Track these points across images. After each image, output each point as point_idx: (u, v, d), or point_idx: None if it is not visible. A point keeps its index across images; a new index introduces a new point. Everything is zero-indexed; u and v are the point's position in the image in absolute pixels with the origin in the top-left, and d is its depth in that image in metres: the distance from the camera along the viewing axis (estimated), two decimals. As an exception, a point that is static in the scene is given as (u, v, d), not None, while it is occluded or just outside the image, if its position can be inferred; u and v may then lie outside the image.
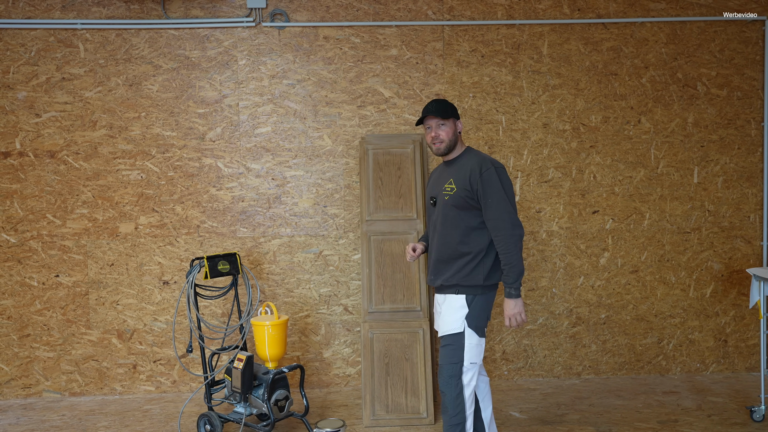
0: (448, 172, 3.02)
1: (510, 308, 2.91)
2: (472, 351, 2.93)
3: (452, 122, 3.01)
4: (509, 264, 2.86)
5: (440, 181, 3.05)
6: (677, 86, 4.58)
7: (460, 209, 2.93)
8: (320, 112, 4.48)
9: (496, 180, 2.88)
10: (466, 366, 2.93)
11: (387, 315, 3.91)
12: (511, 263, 2.85)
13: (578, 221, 4.60)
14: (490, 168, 2.89)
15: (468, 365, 2.93)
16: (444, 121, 2.98)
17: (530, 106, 4.54)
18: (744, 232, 4.66)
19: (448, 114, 2.99)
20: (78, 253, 4.43)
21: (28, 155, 4.40)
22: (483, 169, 2.89)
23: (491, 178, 2.88)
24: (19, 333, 4.44)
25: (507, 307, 2.92)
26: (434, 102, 3.02)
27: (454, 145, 3.03)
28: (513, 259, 2.85)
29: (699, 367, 4.69)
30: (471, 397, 2.96)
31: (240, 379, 3.52)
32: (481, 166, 2.90)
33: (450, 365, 2.94)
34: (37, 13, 4.36)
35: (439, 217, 3.01)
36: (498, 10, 4.50)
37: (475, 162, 2.94)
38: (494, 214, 2.87)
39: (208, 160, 4.46)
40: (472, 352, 2.93)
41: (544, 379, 4.64)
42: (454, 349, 2.94)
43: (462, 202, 2.92)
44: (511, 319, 2.92)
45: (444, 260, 2.99)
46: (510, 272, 2.86)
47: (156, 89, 4.42)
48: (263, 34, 4.45)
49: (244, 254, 4.48)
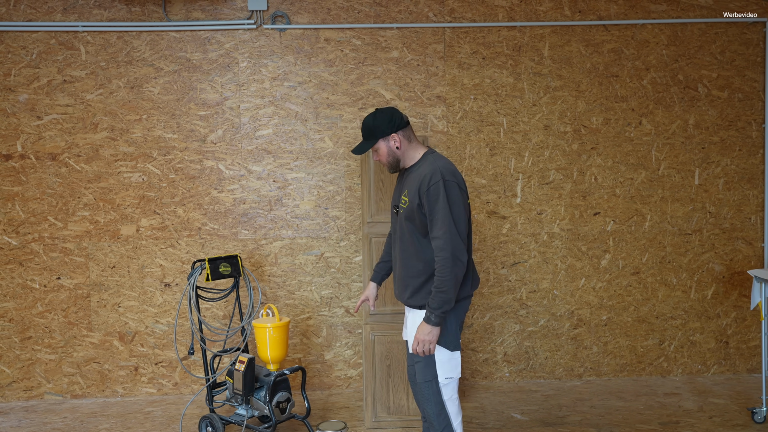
0: (404, 183, 2.79)
1: (422, 332, 2.63)
2: (444, 366, 2.74)
3: (382, 143, 2.76)
4: (439, 288, 2.58)
5: (399, 191, 2.84)
6: (678, 88, 4.59)
7: (413, 223, 2.71)
8: (321, 114, 4.48)
9: (443, 195, 2.59)
10: (441, 382, 2.75)
11: (388, 317, 3.91)
12: (441, 288, 2.58)
13: (579, 223, 4.60)
14: (438, 181, 2.60)
15: (443, 381, 2.75)
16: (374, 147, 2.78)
17: (531, 108, 4.54)
18: (745, 233, 4.66)
19: (369, 140, 2.77)
20: (79, 256, 4.43)
21: (29, 158, 4.40)
22: (431, 181, 2.61)
23: (437, 193, 2.60)
24: (20, 335, 4.44)
25: (420, 330, 2.64)
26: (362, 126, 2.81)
27: (396, 161, 2.80)
28: (445, 286, 2.57)
29: (700, 369, 4.69)
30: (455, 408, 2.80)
31: (241, 381, 3.52)
32: (429, 179, 2.62)
33: (425, 383, 2.77)
34: (39, 16, 4.37)
35: (397, 230, 2.82)
36: (499, 12, 4.50)
37: (424, 174, 2.66)
38: (437, 233, 2.60)
39: (209, 163, 4.47)
40: (445, 368, 2.74)
41: (545, 380, 4.64)
42: (425, 366, 2.76)
43: (413, 216, 2.69)
44: (419, 343, 2.64)
45: (405, 275, 2.79)
46: (436, 296, 2.59)
47: (157, 91, 4.43)
48: (264, 37, 4.45)
49: (245, 256, 4.48)
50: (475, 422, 3.87)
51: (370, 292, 3.11)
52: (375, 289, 3.10)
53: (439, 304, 2.59)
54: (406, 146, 2.79)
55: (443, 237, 2.58)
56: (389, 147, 2.77)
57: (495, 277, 4.58)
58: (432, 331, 2.62)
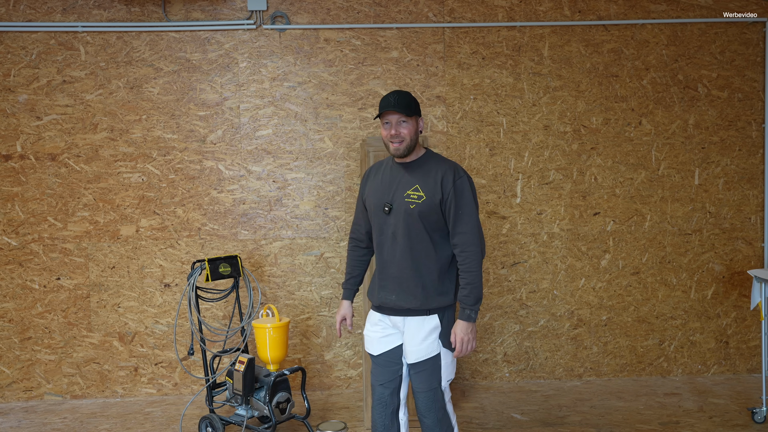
0: (409, 177, 2.66)
1: (463, 330, 2.59)
2: (448, 369, 2.68)
3: (415, 120, 2.64)
4: (472, 284, 2.58)
5: (397, 185, 2.67)
6: (678, 88, 4.59)
7: (427, 220, 2.61)
8: (321, 115, 4.48)
9: (469, 191, 2.62)
10: (444, 386, 2.68)
11: (388, 317, 3.91)
12: (474, 283, 2.58)
13: (579, 223, 4.60)
14: (463, 177, 2.62)
15: (445, 384, 2.69)
16: (406, 118, 2.61)
17: (531, 108, 4.54)
18: (745, 233, 4.66)
19: (411, 110, 2.61)
20: (79, 256, 4.43)
21: (29, 158, 4.40)
22: (456, 177, 2.61)
23: (464, 189, 2.61)
24: (20, 336, 4.44)
25: (460, 330, 2.59)
26: (395, 94, 2.63)
27: (414, 145, 2.66)
28: (476, 279, 2.57)
29: (700, 369, 4.69)
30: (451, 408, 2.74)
31: (241, 382, 3.52)
32: (454, 174, 2.61)
33: (429, 392, 2.66)
34: (38, 16, 4.36)
35: (399, 227, 2.63)
36: (499, 12, 4.50)
37: (445, 168, 2.63)
38: (464, 228, 2.59)
39: (209, 163, 4.47)
40: (448, 370, 2.68)
41: (545, 380, 4.64)
42: (430, 374, 2.66)
43: (430, 212, 2.60)
44: (463, 343, 2.59)
45: (407, 277, 2.63)
46: (472, 293, 2.58)
47: (157, 92, 4.43)
48: (264, 37, 4.45)
49: (245, 257, 4.48)
50: (475, 422, 3.87)
51: (346, 311, 2.91)
52: (350, 307, 2.92)
53: (476, 299, 2.58)
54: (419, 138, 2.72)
55: (471, 232, 2.59)
56: (417, 128, 2.67)
57: (495, 277, 4.58)
58: (473, 328, 2.60)
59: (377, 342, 2.76)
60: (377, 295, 2.73)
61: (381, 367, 2.77)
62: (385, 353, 2.75)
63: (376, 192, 2.72)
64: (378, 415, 2.77)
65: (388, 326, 2.75)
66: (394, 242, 2.66)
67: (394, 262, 2.66)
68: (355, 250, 2.95)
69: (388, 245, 2.67)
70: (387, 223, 2.67)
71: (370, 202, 2.75)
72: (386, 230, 2.67)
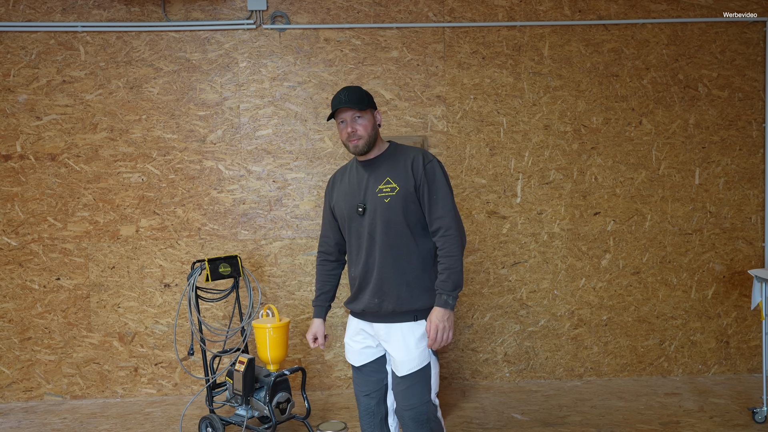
0: (378, 172, 2.54)
1: (439, 317, 2.41)
2: (436, 377, 2.53)
3: (370, 114, 2.53)
4: (450, 269, 2.42)
5: (366, 184, 2.55)
6: (678, 87, 4.58)
7: (405, 211, 2.48)
8: (321, 114, 4.48)
9: (441, 174, 2.49)
10: (433, 397, 2.52)
11: (388, 317, 3.90)
12: (453, 268, 2.42)
13: (579, 223, 4.59)
14: (433, 160, 2.50)
15: (434, 396, 2.52)
16: (361, 113, 2.50)
17: (531, 108, 4.53)
18: (745, 233, 4.65)
19: (364, 104, 2.49)
20: (79, 256, 4.43)
21: (28, 158, 4.40)
22: (426, 161, 2.49)
23: (436, 171, 2.49)
24: (20, 336, 4.43)
25: (435, 316, 2.42)
26: (345, 90, 2.50)
27: (374, 141, 2.54)
28: (456, 264, 2.42)
29: (701, 369, 4.69)
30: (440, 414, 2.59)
31: (241, 382, 3.52)
32: (423, 158, 2.49)
33: (421, 406, 2.49)
34: (38, 16, 4.36)
35: (376, 226, 2.50)
36: (499, 12, 4.50)
37: (413, 154, 2.52)
38: (441, 212, 2.46)
39: (209, 163, 4.46)
40: (436, 380, 2.53)
41: (545, 380, 4.63)
42: (421, 387, 2.49)
43: (407, 202, 2.47)
44: (438, 330, 2.41)
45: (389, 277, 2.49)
46: (450, 278, 2.42)
47: (157, 92, 4.42)
48: (264, 37, 4.45)
49: (245, 257, 4.47)
50: (475, 422, 3.87)
51: (317, 329, 2.76)
52: (322, 325, 2.77)
53: (455, 283, 2.42)
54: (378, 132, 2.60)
55: (447, 215, 2.46)
56: (375, 121, 2.56)
57: (495, 277, 4.58)
58: (451, 316, 2.43)
59: (358, 353, 2.64)
60: (359, 302, 2.59)
61: (364, 377, 2.65)
62: (367, 364, 2.64)
63: (345, 196, 2.60)
64: (366, 425, 2.67)
65: (369, 336, 2.62)
66: (372, 243, 2.52)
67: (374, 264, 2.52)
68: (324, 264, 2.81)
69: (366, 248, 2.54)
70: (362, 224, 2.54)
71: (340, 208, 2.62)
72: (362, 232, 2.54)
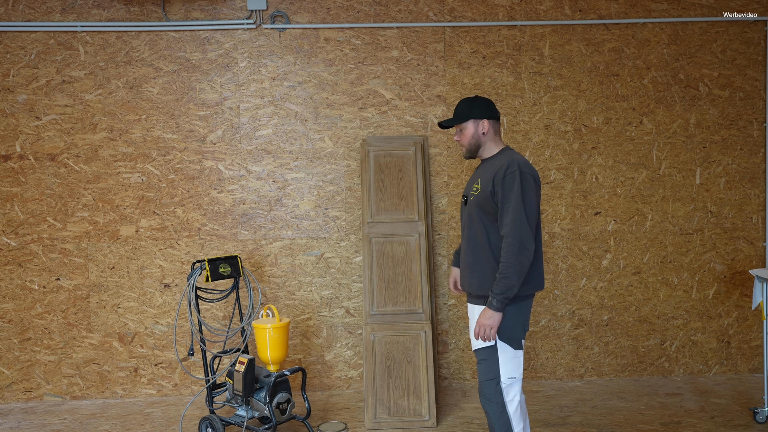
0: (480, 172, 2.88)
1: (484, 317, 2.69)
2: (507, 365, 2.74)
3: (470, 124, 2.85)
4: (503, 274, 2.65)
5: (472, 180, 2.93)
6: (679, 87, 4.57)
7: (483, 211, 2.77)
8: (321, 114, 4.47)
9: (518, 185, 2.68)
10: (504, 381, 2.74)
11: (389, 317, 3.90)
12: (504, 273, 2.64)
13: (580, 223, 4.58)
14: (515, 171, 2.69)
15: (506, 380, 2.74)
16: (461, 125, 2.88)
17: (532, 108, 4.52)
18: (746, 233, 4.64)
19: (461, 118, 2.87)
20: (79, 257, 4.42)
21: (28, 158, 4.39)
22: (508, 171, 2.70)
23: (512, 182, 2.68)
24: (19, 336, 4.43)
25: (482, 315, 2.71)
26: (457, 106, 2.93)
27: (476, 147, 2.88)
28: (509, 271, 2.63)
29: (702, 369, 4.68)
30: (517, 412, 2.76)
31: (241, 382, 3.51)
32: (507, 167, 2.71)
33: (487, 382, 2.77)
34: (37, 16, 4.35)
35: (466, 217, 2.89)
36: (499, 12, 4.49)
37: (503, 163, 2.75)
38: (507, 221, 2.67)
39: (208, 163, 4.45)
40: (508, 366, 2.74)
41: (546, 381, 4.63)
42: (489, 364, 2.76)
43: (485, 203, 2.76)
44: (481, 328, 2.69)
45: (470, 263, 2.83)
46: (500, 282, 2.65)
47: (156, 92, 4.41)
48: (264, 36, 4.44)
49: (245, 257, 4.47)
50: (476, 422, 3.86)
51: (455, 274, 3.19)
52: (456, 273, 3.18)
53: (502, 289, 2.64)
54: (491, 137, 2.88)
55: (511, 224, 2.66)
56: (476, 130, 2.87)
57: (496, 277, 4.56)
58: (494, 317, 2.67)
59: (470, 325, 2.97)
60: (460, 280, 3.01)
61: None
62: None
63: (465, 187, 3.10)
64: None
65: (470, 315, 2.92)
66: (464, 230, 2.92)
67: (464, 250, 2.91)
68: None
69: (464, 233, 2.92)
70: (464, 213, 2.93)
71: None
72: (463, 219, 2.94)
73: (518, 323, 2.76)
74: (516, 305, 2.75)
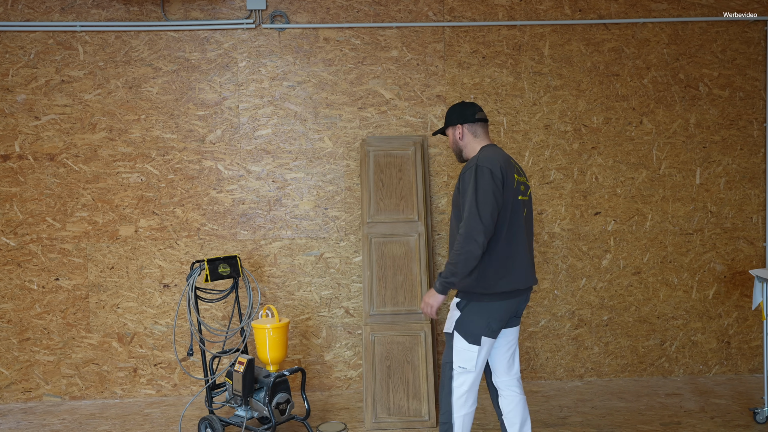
0: None
1: (428, 295, 2.87)
2: (459, 355, 2.87)
3: (450, 131, 3.02)
4: (450, 261, 2.76)
5: None
6: (679, 87, 4.57)
7: (456, 209, 2.90)
8: (321, 114, 4.47)
9: (473, 179, 2.76)
10: (455, 368, 2.88)
11: (388, 317, 3.90)
12: (451, 261, 2.75)
13: (580, 223, 4.58)
14: (472, 167, 2.79)
15: (457, 369, 2.88)
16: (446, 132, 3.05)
17: (531, 108, 4.52)
18: (747, 233, 4.64)
19: (445, 125, 3.04)
20: (78, 257, 4.41)
21: (27, 158, 4.38)
22: (466, 169, 2.82)
23: (469, 177, 2.78)
24: (19, 337, 4.42)
25: (427, 294, 2.90)
26: None
27: (459, 151, 3.03)
28: (454, 259, 2.73)
29: (702, 369, 4.67)
30: (461, 400, 2.88)
31: (241, 383, 3.50)
32: (467, 166, 2.84)
33: (444, 364, 2.95)
34: (36, 16, 4.35)
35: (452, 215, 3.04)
36: (499, 11, 4.48)
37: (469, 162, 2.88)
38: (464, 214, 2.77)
39: (208, 163, 4.45)
40: (460, 356, 2.87)
41: (546, 381, 4.62)
42: (447, 348, 2.94)
43: (456, 201, 2.90)
44: (425, 305, 2.89)
45: None
46: (446, 267, 2.78)
47: (156, 91, 4.41)
48: (263, 36, 4.43)
49: (244, 257, 4.46)
50: (475, 423, 3.85)
51: None
52: None
53: (446, 274, 2.77)
54: (470, 140, 2.97)
55: (465, 217, 2.75)
56: (454, 136, 3.01)
57: (495, 278, 4.56)
58: (435, 297, 2.84)
59: None
60: None
61: None
62: None
63: None
64: None
65: None
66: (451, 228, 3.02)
67: None
68: None
69: None
70: None
71: None
72: None
73: (478, 321, 2.83)
74: (480, 303, 2.83)
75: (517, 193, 2.86)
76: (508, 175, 2.82)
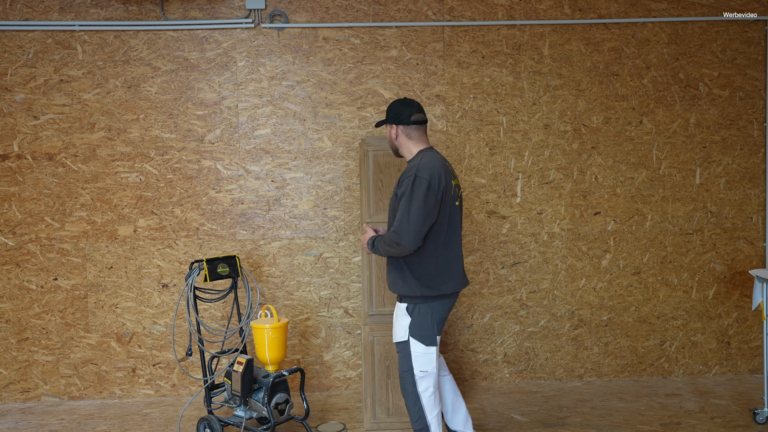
0: None
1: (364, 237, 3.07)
2: (419, 359, 2.95)
3: (387, 128, 3.09)
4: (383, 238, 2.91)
5: None
6: (679, 87, 4.56)
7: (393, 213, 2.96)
8: (320, 114, 4.46)
9: (409, 188, 2.83)
10: (417, 374, 2.96)
11: (388, 317, 3.89)
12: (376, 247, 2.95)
13: (580, 223, 4.57)
14: (411, 175, 2.84)
15: (419, 373, 2.96)
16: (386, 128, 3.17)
17: (531, 107, 4.51)
18: (746, 233, 4.63)
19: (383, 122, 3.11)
20: (76, 256, 4.40)
21: (26, 158, 4.37)
22: (405, 176, 2.88)
23: (407, 185, 2.85)
24: (17, 337, 4.41)
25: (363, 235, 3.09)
26: None
27: (395, 149, 3.09)
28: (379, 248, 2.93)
29: (702, 369, 4.67)
30: (431, 401, 2.98)
31: (240, 383, 3.50)
32: (407, 171, 2.89)
33: (403, 374, 3.01)
34: (35, 15, 4.34)
35: None
36: (498, 11, 4.48)
37: (408, 167, 2.93)
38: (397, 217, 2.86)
39: (207, 162, 4.44)
40: (420, 361, 2.95)
41: (545, 381, 4.62)
42: (403, 357, 2.99)
43: (393, 205, 2.96)
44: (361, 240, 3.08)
45: (388, 264, 3.05)
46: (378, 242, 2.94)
47: (155, 91, 4.40)
48: (262, 36, 4.42)
49: (243, 257, 4.45)
50: (475, 423, 3.84)
51: None
52: None
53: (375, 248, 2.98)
54: (404, 141, 3.02)
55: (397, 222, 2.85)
56: (390, 134, 3.07)
57: (495, 278, 4.55)
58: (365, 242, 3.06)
59: None
60: None
61: None
62: None
63: None
64: None
65: None
66: None
67: None
68: None
69: None
70: None
71: None
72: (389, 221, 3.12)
73: (429, 322, 2.95)
74: (428, 304, 2.94)
75: (454, 198, 2.97)
76: (446, 183, 2.91)
